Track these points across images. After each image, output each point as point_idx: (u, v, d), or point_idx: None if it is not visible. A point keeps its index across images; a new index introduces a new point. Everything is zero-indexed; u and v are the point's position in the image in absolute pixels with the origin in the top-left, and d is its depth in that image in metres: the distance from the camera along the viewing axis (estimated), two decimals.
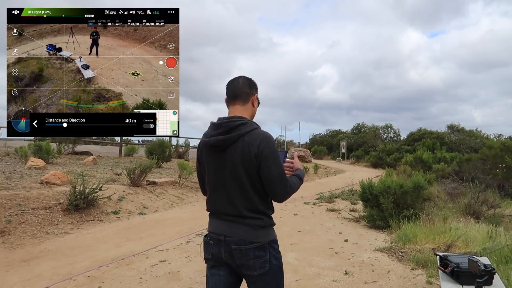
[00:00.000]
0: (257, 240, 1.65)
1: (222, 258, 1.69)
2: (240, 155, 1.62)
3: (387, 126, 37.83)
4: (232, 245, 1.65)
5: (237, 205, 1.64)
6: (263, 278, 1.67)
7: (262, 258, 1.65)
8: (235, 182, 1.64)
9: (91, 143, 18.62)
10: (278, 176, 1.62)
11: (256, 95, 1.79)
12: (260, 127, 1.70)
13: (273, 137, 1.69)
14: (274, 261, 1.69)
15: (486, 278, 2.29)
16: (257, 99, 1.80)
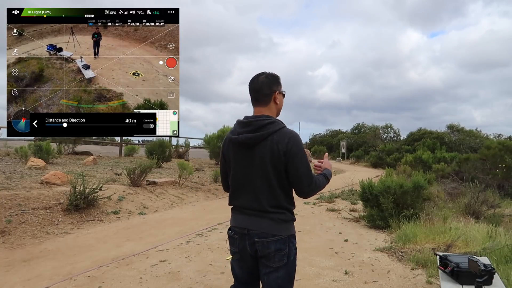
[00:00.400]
0: (279, 233, 1.72)
1: (247, 251, 1.77)
2: (269, 152, 1.68)
3: (387, 126, 37.87)
4: (255, 238, 1.72)
5: (262, 200, 1.71)
6: (279, 271, 1.73)
7: (283, 251, 1.72)
8: (263, 179, 1.71)
9: (91, 143, 18.62)
10: (305, 173, 1.69)
11: (277, 92, 1.80)
12: (286, 126, 1.75)
13: (299, 136, 1.75)
14: (292, 256, 1.76)
15: (486, 278, 2.29)
16: (280, 93, 1.82)
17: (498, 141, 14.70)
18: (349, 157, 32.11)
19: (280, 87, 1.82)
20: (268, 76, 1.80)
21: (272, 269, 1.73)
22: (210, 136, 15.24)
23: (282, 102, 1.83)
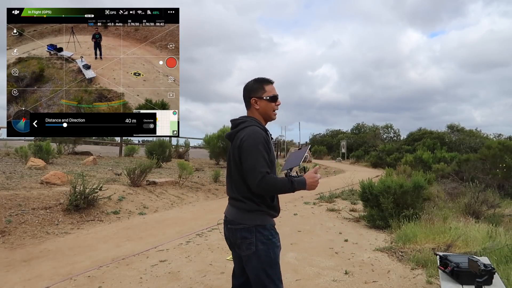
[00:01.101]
0: (244, 222, 1.88)
1: (228, 238, 1.98)
2: (233, 147, 1.91)
3: (387, 126, 37.85)
4: (228, 225, 1.94)
5: (234, 189, 1.92)
6: (251, 261, 1.87)
7: (248, 239, 1.86)
8: (233, 170, 1.92)
9: (91, 143, 18.62)
10: (251, 168, 1.79)
11: (254, 98, 1.96)
12: (258, 126, 1.91)
13: (260, 134, 1.85)
14: (260, 246, 1.86)
15: (486, 278, 2.29)
16: (260, 99, 1.95)
17: (498, 141, 14.69)
18: (349, 157, 32.09)
19: (260, 93, 1.95)
20: (250, 84, 2.00)
21: (245, 258, 1.89)
22: (210, 136, 15.24)
23: (264, 106, 1.95)
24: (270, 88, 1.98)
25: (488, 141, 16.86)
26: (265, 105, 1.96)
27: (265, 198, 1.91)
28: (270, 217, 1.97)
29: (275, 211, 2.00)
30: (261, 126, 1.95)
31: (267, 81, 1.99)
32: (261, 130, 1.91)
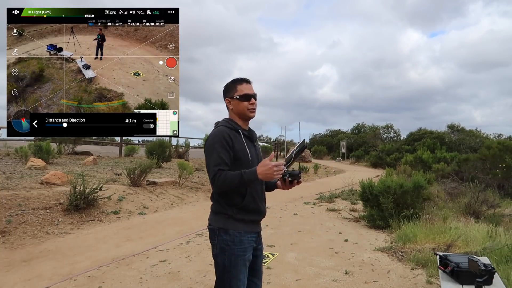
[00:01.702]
0: (211, 222, 1.94)
1: None
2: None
3: (387, 126, 37.83)
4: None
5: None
6: (215, 260, 1.90)
7: (212, 241, 1.92)
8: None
9: (91, 143, 18.62)
10: (207, 167, 1.85)
11: (228, 98, 1.99)
12: (226, 125, 1.93)
13: (221, 133, 1.87)
14: (218, 250, 1.87)
15: (486, 278, 2.29)
16: (232, 99, 1.96)
17: (498, 141, 14.69)
18: (349, 157, 32.09)
19: (232, 93, 1.96)
20: (225, 85, 2.03)
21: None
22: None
23: (236, 105, 1.95)
24: (243, 87, 1.96)
25: (488, 141, 16.86)
26: (237, 104, 1.95)
27: (231, 198, 1.87)
28: (238, 222, 1.88)
29: (247, 214, 1.90)
30: (230, 125, 1.94)
31: (241, 80, 1.99)
32: (227, 129, 1.90)
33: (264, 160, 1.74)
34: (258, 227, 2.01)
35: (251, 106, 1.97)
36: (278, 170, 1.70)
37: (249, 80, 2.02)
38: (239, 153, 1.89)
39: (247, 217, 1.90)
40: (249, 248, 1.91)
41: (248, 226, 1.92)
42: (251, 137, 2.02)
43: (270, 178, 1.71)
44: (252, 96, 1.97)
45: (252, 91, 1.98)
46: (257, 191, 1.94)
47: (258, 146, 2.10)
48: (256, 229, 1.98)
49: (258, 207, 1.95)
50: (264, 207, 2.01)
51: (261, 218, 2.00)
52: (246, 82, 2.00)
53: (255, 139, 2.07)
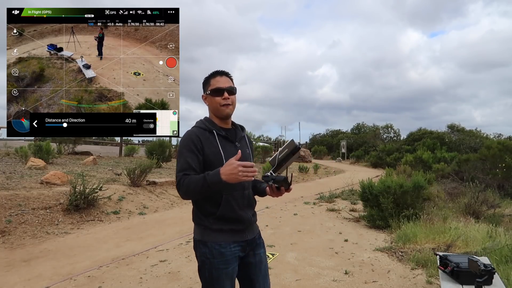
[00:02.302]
0: (194, 233, 1.80)
1: None
2: None
3: (387, 126, 37.83)
4: None
5: None
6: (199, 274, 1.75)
7: (195, 252, 1.77)
8: None
9: (91, 143, 18.62)
10: (175, 174, 1.69)
11: (203, 95, 1.82)
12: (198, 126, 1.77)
13: (189, 136, 1.71)
14: (199, 262, 1.73)
15: (486, 278, 2.29)
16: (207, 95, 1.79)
17: (498, 141, 14.69)
18: (349, 157, 32.09)
19: (206, 88, 1.80)
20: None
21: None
22: None
23: (210, 101, 1.78)
24: (215, 81, 1.77)
25: (488, 141, 16.86)
26: (211, 100, 1.77)
27: (205, 207, 1.71)
28: (216, 232, 1.70)
29: (225, 224, 1.71)
30: (204, 125, 1.77)
31: (214, 73, 1.80)
32: (198, 130, 1.74)
33: (230, 159, 1.50)
34: (244, 235, 1.77)
35: (224, 102, 1.75)
36: (245, 171, 1.45)
37: (223, 72, 1.81)
38: (210, 157, 1.69)
39: (225, 227, 1.71)
40: (233, 260, 1.71)
41: (228, 236, 1.72)
42: (229, 137, 1.78)
43: (235, 180, 1.47)
44: (224, 90, 1.75)
45: (225, 84, 1.76)
46: (235, 197, 1.72)
47: (245, 147, 1.86)
48: (241, 238, 1.76)
49: (238, 216, 1.73)
50: (248, 215, 1.78)
51: (244, 227, 1.77)
52: (220, 74, 1.79)
53: (238, 138, 1.84)
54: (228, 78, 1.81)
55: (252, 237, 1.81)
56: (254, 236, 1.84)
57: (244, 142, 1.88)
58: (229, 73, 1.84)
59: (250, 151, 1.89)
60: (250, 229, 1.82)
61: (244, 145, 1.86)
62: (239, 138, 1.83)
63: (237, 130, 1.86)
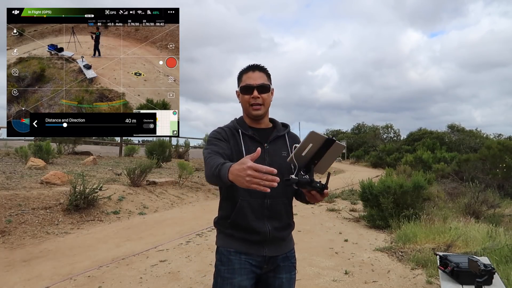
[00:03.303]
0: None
1: None
2: None
3: (387, 126, 37.88)
4: None
5: None
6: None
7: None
8: None
9: (91, 143, 18.62)
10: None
11: (237, 91, 1.64)
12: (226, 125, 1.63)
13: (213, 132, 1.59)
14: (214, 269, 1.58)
15: (486, 278, 2.29)
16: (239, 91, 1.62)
17: (498, 141, 14.70)
18: (349, 157, 32.10)
19: (239, 85, 1.62)
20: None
21: None
22: None
23: (241, 100, 1.61)
24: (247, 77, 1.58)
25: (488, 141, 16.87)
26: (241, 99, 1.60)
27: (223, 208, 1.59)
28: (228, 237, 1.55)
29: (237, 231, 1.53)
30: (231, 124, 1.63)
31: (248, 68, 1.61)
32: (225, 127, 1.61)
33: (245, 157, 1.22)
34: (261, 249, 1.53)
35: (253, 101, 1.55)
36: (256, 177, 1.13)
37: (257, 66, 1.60)
38: (232, 156, 1.52)
39: (237, 234, 1.53)
40: (241, 271, 1.50)
41: (240, 244, 1.53)
42: (257, 137, 1.58)
43: (242, 184, 1.18)
44: (254, 88, 1.55)
45: (257, 80, 1.55)
46: (251, 205, 1.50)
47: (280, 149, 1.60)
48: (256, 251, 1.52)
49: (252, 226, 1.50)
50: (266, 227, 1.52)
51: (260, 239, 1.52)
52: (253, 69, 1.59)
53: (271, 139, 1.60)
54: (263, 73, 1.59)
55: (273, 255, 1.55)
56: (278, 255, 1.57)
57: (281, 143, 1.62)
58: (264, 67, 1.62)
59: (288, 154, 1.59)
60: (272, 245, 1.55)
61: (280, 147, 1.60)
62: (273, 139, 1.60)
63: (273, 130, 1.64)
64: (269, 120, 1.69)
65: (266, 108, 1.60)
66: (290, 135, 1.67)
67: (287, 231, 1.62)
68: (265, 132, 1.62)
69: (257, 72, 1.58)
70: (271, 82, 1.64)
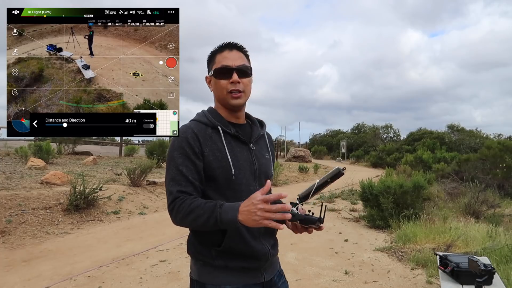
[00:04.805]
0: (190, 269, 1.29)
1: None
2: None
3: (387, 126, 37.87)
4: None
5: None
6: None
7: None
8: None
9: (91, 143, 18.63)
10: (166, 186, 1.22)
11: (208, 76, 1.32)
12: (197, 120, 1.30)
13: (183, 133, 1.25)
14: None
15: (486, 278, 2.29)
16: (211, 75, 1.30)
17: (498, 141, 14.70)
18: (349, 157, 32.11)
19: (210, 68, 1.30)
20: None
21: None
22: None
23: (214, 86, 1.29)
24: (221, 58, 1.26)
25: (488, 141, 16.87)
26: (216, 85, 1.26)
27: (203, 233, 1.23)
28: (219, 271, 1.20)
29: (232, 260, 1.19)
30: (206, 119, 1.27)
31: (223, 46, 1.28)
32: (197, 125, 1.25)
33: (255, 193, 1.03)
34: (259, 275, 1.25)
35: (232, 87, 1.23)
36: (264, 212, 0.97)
37: (234, 45, 1.28)
38: (213, 164, 1.19)
39: (232, 264, 1.20)
40: None
41: (237, 277, 1.20)
42: (241, 136, 1.27)
43: (254, 223, 1.00)
44: (234, 70, 1.23)
45: (235, 61, 1.24)
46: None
47: (263, 150, 1.35)
48: (254, 279, 1.24)
49: (251, 250, 1.21)
50: (266, 247, 1.26)
51: (259, 265, 1.24)
52: (229, 47, 1.27)
53: (254, 138, 1.31)
54: (241, 53, 1.28)
55: (270, 277, 1.30)
56: (273, 276, 1.32)
57: (263, 143, 1.37)
58: (242, 46, 1.29)
59: (270, 156, 1.38)
60: (269, 267, 1.30)
61: (263, 148, 1.35)
62: (256, 138, 1.32)
63: (254, 127, 1.36)
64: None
65: (247, 97, 1.28)
66: (267, 134, 1.43)
67: (277, 245, 1.37)
68: (247, 129, 1.33)
69: (235, 51, 1.26)
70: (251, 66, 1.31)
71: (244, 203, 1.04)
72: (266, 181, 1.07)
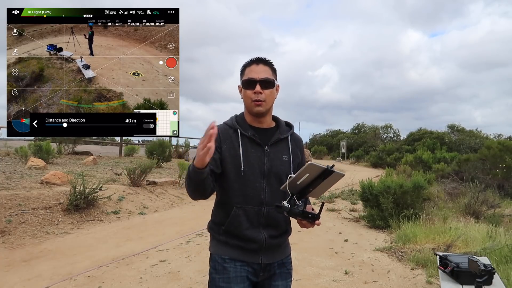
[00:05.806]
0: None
1: None
2: None
3: (387, 126, 37.87)
4: None
5: None
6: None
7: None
8: None
9: (91, 143, 18.62)
10: None
11: (239, 85, 1.52)
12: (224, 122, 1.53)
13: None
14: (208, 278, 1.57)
15: (486, 278, 2.29)
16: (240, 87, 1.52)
17: (498, 141, 14.69)
18: (349, 157, 32.11)
19: (241, 79, 1.51)
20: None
21: None
22: None
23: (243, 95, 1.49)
24: (249, 71, 1.47)
25: (488, 141, 16.86)
26: (243, 94, 1.48)
27: (216, 214, 1.55)
28: (222, 244, 1.51)
29: (232, 238, 1.48)
30: (230, 122, 1.51)
31: (251, 61, 1.50)
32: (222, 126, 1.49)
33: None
34: (257, 257, 1.48)
35: (255, 97, 1.43)
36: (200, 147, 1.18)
37: (261, 60, 1.49)
38: (227, 159, 1.43)
39: (231, 241, 1.48)
40: (237, 280, 1.45)
41: (235, 252, 1.48)
42: (256, 139, 1.47)
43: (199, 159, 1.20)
44: (257, 82, 1.43)
45: (260, 74, 1.44)
46: (247, 213, 1.44)
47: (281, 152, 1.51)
48: (252, 259, 1.48)
49: (247, 235, 1.45)
50: (262, 235, 1.46)
51: (257, 247, 1.47)
52: (256, 62, 1.48)
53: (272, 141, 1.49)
54: (268, 67, 1.48)
55: (269, 262, 1.51)
56: (273, 263, 1.52)
57: (283, 146, 1.52)
58: (269, 61, 1.50)
59: (289, 159, 1.51)
60: (268, 253, 1.50)
61: (281, 150, 1.51)
62: (274, 141, 1.50)
63: (275, 131, 1.53)
64: (272, 119, 1.56)
65: (269, 105, 1.48)
66: (293, 138, 1.56)
67: (284, 237, 1.58)
68: (266, 132, 1.51)
69: (261, 65, 1.47)
70: (277, 77, 1.52)
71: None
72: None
